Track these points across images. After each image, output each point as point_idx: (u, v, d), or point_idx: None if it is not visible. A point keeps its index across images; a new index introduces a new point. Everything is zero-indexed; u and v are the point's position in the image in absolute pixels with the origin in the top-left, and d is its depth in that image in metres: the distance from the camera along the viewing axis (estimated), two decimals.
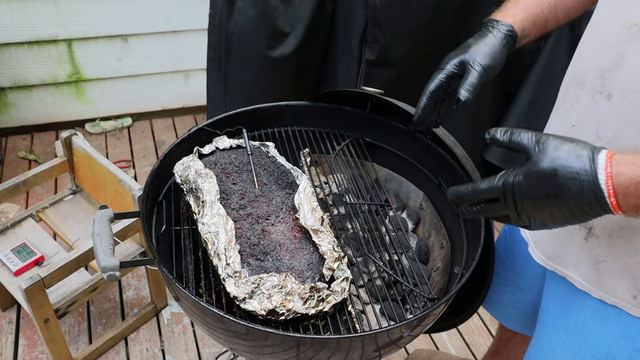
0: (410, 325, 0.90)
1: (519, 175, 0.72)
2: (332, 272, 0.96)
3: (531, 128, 0.75)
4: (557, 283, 1.01)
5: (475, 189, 0.77)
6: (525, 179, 0.71)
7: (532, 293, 1.14)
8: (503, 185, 0.74)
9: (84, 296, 1.72)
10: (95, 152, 1.92)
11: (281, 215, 1.07)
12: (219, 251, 0.95)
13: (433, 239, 1.24)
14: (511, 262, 1.17)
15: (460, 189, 0.80)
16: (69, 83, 3.05)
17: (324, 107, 1.37)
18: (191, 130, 1.24)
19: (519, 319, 1.25)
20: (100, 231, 0.99)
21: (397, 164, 1.34)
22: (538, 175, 0.70)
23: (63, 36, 2.86)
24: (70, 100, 3.12)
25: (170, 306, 2.20)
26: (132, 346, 2.05)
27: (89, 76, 3.06)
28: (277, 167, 1.18)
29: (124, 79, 3.16)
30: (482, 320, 2.27)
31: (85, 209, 2.06)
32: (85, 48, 2.95)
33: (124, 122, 3.30)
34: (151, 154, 3.12)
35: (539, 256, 1.03)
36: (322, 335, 0.86)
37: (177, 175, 1.13)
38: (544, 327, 1.03)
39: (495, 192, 0.75)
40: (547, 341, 1.01)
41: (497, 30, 0.98)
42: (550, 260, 1.00)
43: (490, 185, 0.75)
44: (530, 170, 0.71)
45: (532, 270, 1.12)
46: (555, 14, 1.01)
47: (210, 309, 0.85)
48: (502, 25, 0.98)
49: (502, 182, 0.74)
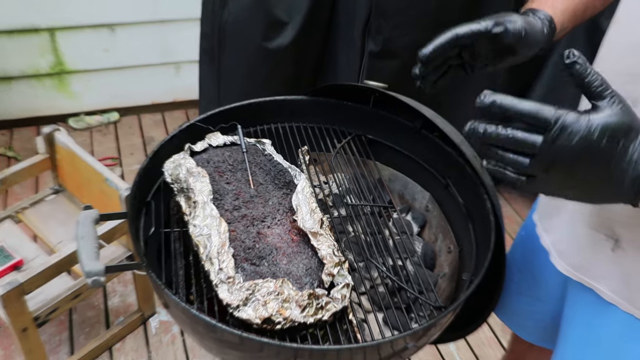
0: (416, 336, 0.90)
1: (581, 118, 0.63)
2: (332, 278, 0.96)
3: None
4: (582, 294, 1.00)
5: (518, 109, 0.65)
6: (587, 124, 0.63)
7: (552, 304, 1.14)
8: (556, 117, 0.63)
9: (66, 303, 1.72)
10: (79, 149, 1.92)
11: (278, 217, 1.07)
12: (211, 255, 0.95)
13: (440, 243, 1.24)
14: (529, 270, 1.17)
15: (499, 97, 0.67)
16: (52, 75, 3.06)
17: (323, 102, 1.37)
18: (182, 126, 1.24)
19: (537, 331, 1.25)
20: (84, 233, 0.99)
21: (402, 163, 1.35)
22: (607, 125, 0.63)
23: (45, 25, 2.86)
24: (52, 93, 3.12)
25: (159, 314, 2.20)
26: (117, 357, 2.05)
27: (73, 68, 3.07)
28: (274, 166, 1.18)
29: (111, 71, 3.16)
30: (492, 331, 2.27)
31: (68, 210, 2.06)
32: (69, 38, 2.95)
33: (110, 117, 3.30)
34: (139, 151, 3.12)
35: (563, 266, 1.02)
36: (321, 346, 0.86)
37: (167, 174, 1.13)
38: (567, 341, 1.03)
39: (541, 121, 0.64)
40: (572, 356, 1.01)
41: (537, 19, 0.92)
42: (576, 271, 1.00)
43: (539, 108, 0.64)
44: (598, 117, 0.63)
45: (552, 280, 1.11)
46: (593, 2, 0.98)
47: (202, 317, 0.85)
48: (541, 14, 0.92)
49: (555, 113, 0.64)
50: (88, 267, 0.93)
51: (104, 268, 0.93)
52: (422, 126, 1.27)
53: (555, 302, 1.12)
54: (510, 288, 1.22)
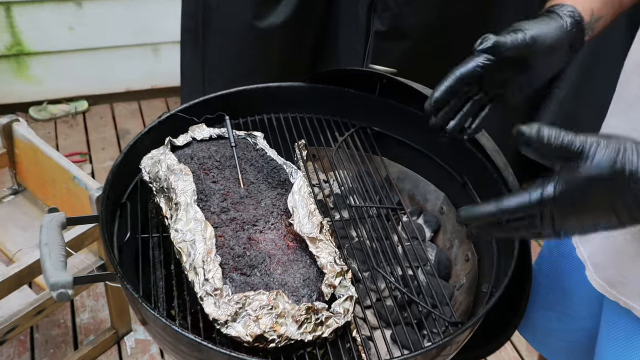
0: (428, 356, 0.91)
1: (560, 184, 0.71)
2: (334, 289, 0.97)
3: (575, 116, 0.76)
4: (619, 316, 1.01)
5: (502, 209, 0.75)
6: (569, 188, 0.71)
7: (586, 321, 1.14)
8: (541, 200, 0.72)
9: (27, 321, 1.73)
10: (42, 143, 1.93)
11: (272, 221, 1.08)
12: (195, 264, 0.95)
13: (456, 250, 1.25)
14: (559, 283, 1.17)
15: (479, 211, 0.78)
16: (8, 57, 3.05)
17: (323, 90, 1.37)
18: (162, 117, 1.25)
19: (567, 352, 1.25)
20: (49, 240, 1.00)
21: (413, 160, 1.35)
22: (588, 181, 0.70)
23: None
24: (9, 78, 3.12)
25: (135, 332, 2.21)
26: None
27: (34, 49, 3.06)
28: (267, 163, 1.19)
29: (78, 54, 3.16)
30: (516, 351, 2.28)
31: (29, 213, 2.07)
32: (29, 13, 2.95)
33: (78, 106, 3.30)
34: (112, 146, 3.13)
35: (598, 283, 1.03)
36: None
37: (144, 172, 1.14)
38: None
39: (530, 210, 0.73)
40: None
41: (554, 16, 0.94)
42: (612, 289, 1.00)
43: (523, 202, 0.73)
44: (577, 177, 0.70)
45: (586, 294, 1.11)
46: None
47: (185, 335, 0.86)
48: (562, 9, 0.94)
49: (538, 197, 0.72)
50: (53, 279, 0.93)
51: (72, 280, 0.94)
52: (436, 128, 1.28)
53: (589, 320, 1.13)
54: (537, 302, 1.23)
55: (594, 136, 0.71)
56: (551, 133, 0.71)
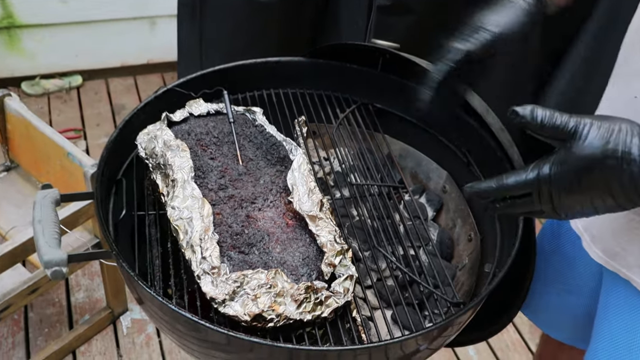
0: (429, 336, 0.91)
1: (556, 164, 0.74)
2: (333, 268, 0.97)
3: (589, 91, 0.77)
4: (617, 287, 1.02)
5: (501, 186, 0.79)
6: (564, 168, 0.74)
7: (585, 296, 1.16)
8: (537, 179, 0.76)
9: (21, 299, 1.74)
10: (35, 118, 1.92)
11: (270, 198, 1.08)
12: (192, 242, 0.96)
13: (458, 229, 1.25)
14: (558, 258, 1.19)
15: (480, 186, 0.82)
16: None
17: (324, 65, 1.37)
18: (158, 91, 1.24)
19: (567, 328, 1.26)
20: (42, 217, 1.00)
21: (415, 137, 1.35)
22: (581, 161, 0.72)
23: None
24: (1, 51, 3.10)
25: (131, 311, 2.22)
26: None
27: (25, 21, 3.04)
28: (266, 139, 1.19)
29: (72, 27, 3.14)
30: (518, 332, 2.30)
31: (22, 190, 2.07)
32: None
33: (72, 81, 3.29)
34: (107, 122, 3.12)
35: (596, 253, 1.04)
36: (320, 347, 0.87)
37: (140, 148, 1.14)
38: (599, 341, 1.05)
39: (527, 187, 0.77)
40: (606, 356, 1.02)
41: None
42: (611, 259, 1.01)
43: (520, 179, 0.77)
44: (571, 157, 0.73)
45: (585, 269, 1.13)
46: None
47: (182, 314, 0.86)
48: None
49: (535, 175, 0.76)
50: (47, 256, 0.93)
51: (66, 257, 0.94)
52: None
53: (589, 295, 1.14)
54: (537, 278, 1.24)
55: (589, 117, 0.74)
56: (544, 114, 0.74)
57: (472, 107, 1.13)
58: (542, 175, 0.75)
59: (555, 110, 0.74)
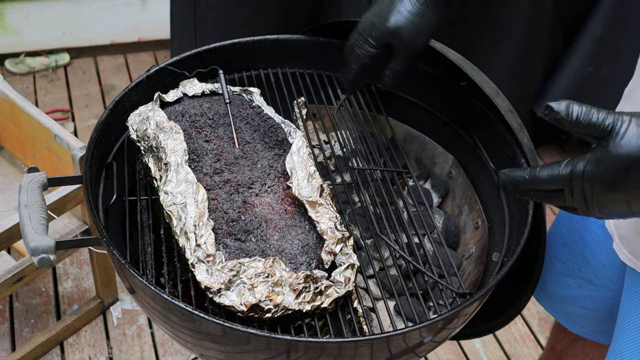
0: (434, 328, 0.92)
1: (590, 162, 0.73)
2: (334, 257, 0.98)
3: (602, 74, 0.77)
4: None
5: (534, 178, 0.79)
6: (599, 166, 0.73)
7: (608, 289, 1.16)
8: (570, 176, 0.75)
9: (6, 288, 1.74)
10: (20, 98, 1.92)
11: (268, 183, 1.08)
12: (186, 229, 0.96)
13: (465, 217, 1.26)
14: (579, 247, 1.19)
15: (515, 174, 0.82)
16: None
17: (325, 43, 1.36)
18: (150, 70, 1.24)
19: (587, 321, 1.27)
20: (28, 201, 1.00)
21: (420, 119, 1.35)
22: (618, 160, 0.71)
23: None
24: None
25: (122, 301, 2.22)
26: (70, 354, 2.08)
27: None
28: (264, 121, 1.19)
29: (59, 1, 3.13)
30: (527, 325, 2.30)
31: (7, 173, 2.07)
32: None
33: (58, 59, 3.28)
34: (96, 102, 3.11)
35: (625, 255, 1.05)
36: (320, 339, 0.88)
37: (131, 130, 1.14)
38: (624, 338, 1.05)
39: (559, 183, 0.77)
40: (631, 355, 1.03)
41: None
42: (638, 260, 1.02)
43: (553, 174, 0.77)
44: (607, 156, 0.72)
45: (608, 261, 1.14)
46: None
47: (175, 304, 0.86)
48: None
49: (568, 172, 0.75)
50: (34, 243, 0.93)
51: (53, 244, 0.94)
52: (446, 74, 1.27)
53: (612, 288, 1.14)
54: (555, 267, 1.24)
55: (627, 114, 0.72)
56: (580, 110, 0.73)
57: (481, 89, 1.12)
58: (576, 172, 0.75)
59: (592, 106, 0.73)
